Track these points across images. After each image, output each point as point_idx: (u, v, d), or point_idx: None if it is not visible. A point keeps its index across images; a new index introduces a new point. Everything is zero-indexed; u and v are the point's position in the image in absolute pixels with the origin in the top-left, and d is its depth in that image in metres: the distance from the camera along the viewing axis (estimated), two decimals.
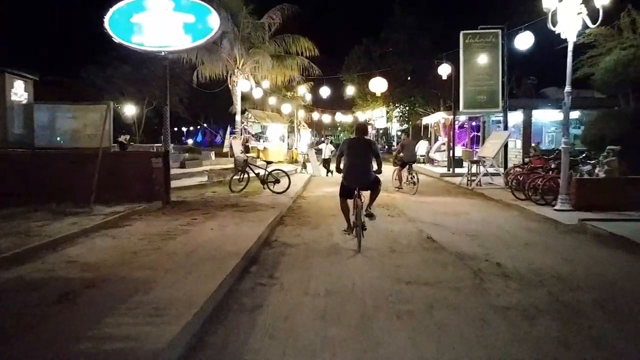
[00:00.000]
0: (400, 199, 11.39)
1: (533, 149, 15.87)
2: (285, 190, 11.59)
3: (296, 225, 7.94)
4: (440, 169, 19.41)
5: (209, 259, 5.07)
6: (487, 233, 7.17)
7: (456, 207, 9.97)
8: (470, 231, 7.30)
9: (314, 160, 19.44)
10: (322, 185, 15.47)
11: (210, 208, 9.06)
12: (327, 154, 19.27)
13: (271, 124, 23.01)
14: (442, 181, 16.32)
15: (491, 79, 13.31)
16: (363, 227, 5.93)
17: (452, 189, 13.76)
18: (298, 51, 17.14)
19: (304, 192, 13.39)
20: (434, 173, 18.21)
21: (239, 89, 16.73)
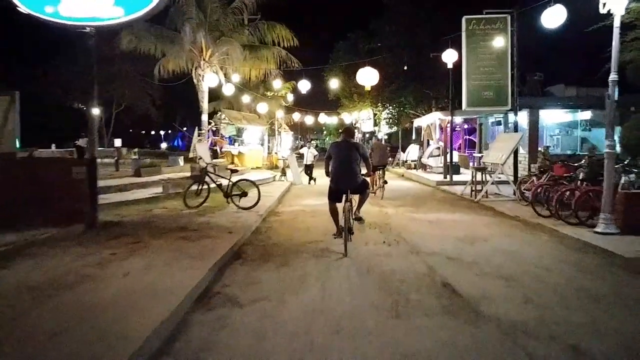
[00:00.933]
0: (395, 216, 9.28)
1: (542, 154, 13.92)
2: (254, 206, 9.39)
3: (258, 261, 5.74)
4: (435, 176, 17.41)
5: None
6: (524, 274, 5.08)
7: (468, 228, 7.89)
8: (500, 270, 5.20)
9: (294, 166, 17.26)
10: (303, 195, 13.31)
11: (147, 233, 6.81)
12: (309, 159, 17.13)
13: (248, 126, 20.80)
14: (439, 191, 14.28)
15: (499, 72, 11.35)
16: (350, 230, 5.96)
17: (454, 201, 11.70)
18: (275, 41, 15.00)
19: (279, 205, 11.19)
20: (429, 181, 16.19)
21: (205, 84, 14.49)
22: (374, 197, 12.13)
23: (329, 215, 6.58)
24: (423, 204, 11.22)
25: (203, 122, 14.83)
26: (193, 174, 10.14)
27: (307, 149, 17.25)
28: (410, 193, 13.85)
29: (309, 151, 17.18)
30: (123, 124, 34.14)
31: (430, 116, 16.99)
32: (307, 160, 17.13)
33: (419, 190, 14.58)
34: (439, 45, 16.53)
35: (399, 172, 22.07)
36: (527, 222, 8.31)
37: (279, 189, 13.98)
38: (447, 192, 13.59)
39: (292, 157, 17.30)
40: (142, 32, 13.72)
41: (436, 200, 11.96)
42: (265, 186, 15.05)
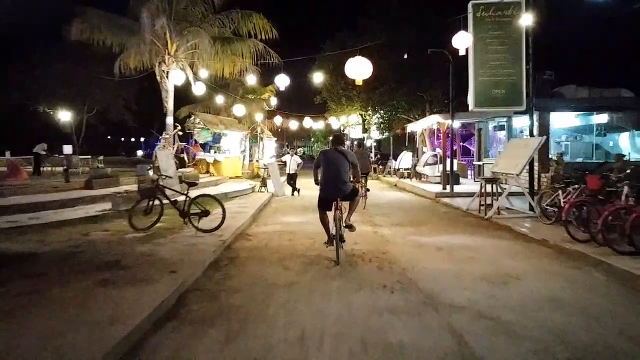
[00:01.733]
0: (394, 240, 7.47)
1: (555, 162, 12.34)
2: (217, 227, 7.50)
3: (200, 324, 3.86)
4: (431, 186, 15.70)
5: None
6: (607, 349, 3.29)
7: (490, 260, 6.11)
8: (566, 339, 3.41)
9: (275, 175, 15.40)
10: (284, 210, 11.46)
11: (58, 274, 4.92)
12: (292, 167, 15.29)
13: (226, 131, 18.92)
14: (440, 204, 12.53)
15: (511, 66, 9.68)
16: (342, 238, 5.91)
17: (461, 218, 9.95)
18: (251, 33, 13.19)
19: (253, 225, 9.31)
20: (426, 192, 14.45)
21: (170, 82, 12.59)
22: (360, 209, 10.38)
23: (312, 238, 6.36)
24: (425, 221, 9.44)
25: (167, 126, 12.90)
26: (141, 187, 8.19)
27: (290, 157, 15.42)
28: (407, 207, 12.08)
29: (292, 159, 15.35)
30: (96, 130, 31.91)
31: (427, 120, 15.31)
32: (290, 169, 15.29)
33: (416, 204, 12.82)
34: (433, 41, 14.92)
35: (391, 182, 20.33)
36: (562, 249, 6.57)
37: (257, 203, 12.11)
38: (450, 206, 11.84)
39: (273, 166, 15.45)
40: (96, 21, 11.83)
41: (439, 217, 10.19)
42: (241, 199, 13.19)
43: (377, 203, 12.95)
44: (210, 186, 14.71)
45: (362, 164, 11.91)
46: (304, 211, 11.32)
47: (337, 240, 5.78)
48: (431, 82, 20.54)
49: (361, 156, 12.15)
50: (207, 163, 17.32)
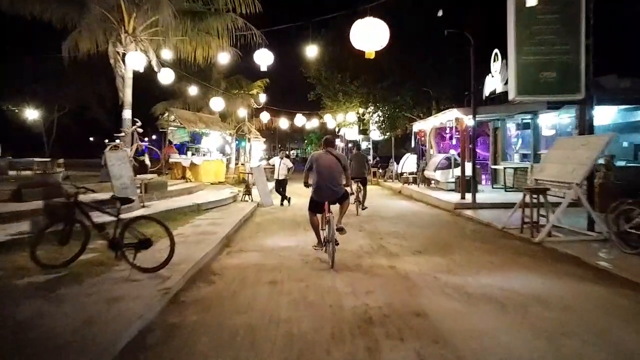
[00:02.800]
0: (426, 285, 5.07)
1: (604, 167, 10.05)
2: (163, 265, 5.07)
3: None
4: (445, 194, 13.36)
5: None
6: None
7: (591, 331, 3.75)
8: None
9: (262, 182, 13.00)
10: (269, 227, 9.06)
11: None
12: (281, 173, 12.91)
13: (207, 130, 16.48)
14: (464, 219, 10.18)
15: (565, 41, 7.35)
16: (336, 242, 5.77)
17: (499, 241, 7.58)
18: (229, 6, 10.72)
19: (224, 252, 6.88)
20: (442, 202, 12.10)
21: (128, 65, 10.14)
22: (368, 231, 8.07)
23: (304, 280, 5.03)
24: (455, 246, 7.08)
25: (124, 121, 10.41)
26: (48, 205, 5.72)
27: (280, 160, 13.01)
28: (423, 222, 9.71)
29: (281, 162, 12.94)
30: (70, 131, 29.26)
31: (441, 116, 12.97)
32: (279, 175, 12.89)
33: (433, 218, 10.46)
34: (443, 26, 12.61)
35: (394, 188, 17.98)
36: None
37: (236, 217, 9.70)
38: (477, 222, 9.48)
39: (259, 170, 13.05)
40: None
41: (470, 238, 7.82)
42: (218, 211, 10.78)
43: (383, 215, 10.59)
44: (182, 195, 12.27)
45: (358, 169, 10.88)
46: (294, 228, 8.93)
47: (331, 244, 5.74)
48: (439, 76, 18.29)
49: (358, 160, 11.24)
50: (183, 167, 14.89)
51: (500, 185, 15.28)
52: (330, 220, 5.83)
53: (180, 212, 9.79)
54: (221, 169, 17.04)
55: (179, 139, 15.81)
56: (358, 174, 10.96)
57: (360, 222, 9.60)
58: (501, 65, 13.56)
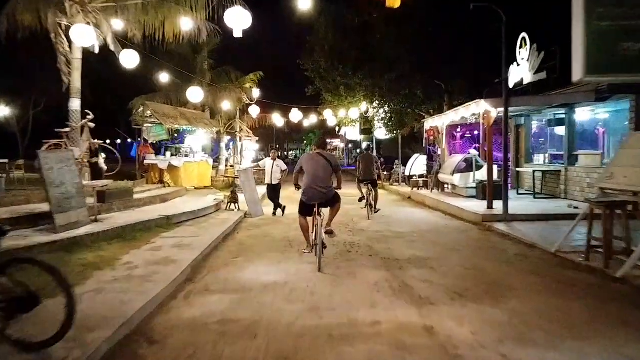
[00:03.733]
0: None
1: None
2: (54, 340, 3.03)
3: None
4: (465, 202, 11.38)
5: None
6: None
7: None
8: None
9: (250, 187, 10.99)
10: (253, 250, 7.04)
11: None
12: (274, 176, 10.92)
13: (191, 127, 14.39)
14: (497, 236, 8.16)
15: None
16: (323, 244, 5.71)
17: (561, 274, 5.56)
18: None
19: (182, 293, 4.86)
20: (465, 213, 10.10)
21: (74, 41, 8.05)
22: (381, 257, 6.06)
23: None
24: (505, 285, 5.07)
25: (71, 113, 8.40)
26: None
27: (272, 162, 10.99)
28: (450, 241, 7.69)
29: (274, 164, 10.93)
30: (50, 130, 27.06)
31: (462, 111, 10.89)
32: (272, 179, 10.89)
33: (460, 234, 8.43)
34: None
35: (403, 193, 15.97)
36: None
37: (213, 233, 7.70)
38: (516, 241, 7.47)
39: (246, 174, 11.03)
40: None
41: (519, 269, 5.80)
42: (193, 224, 8.79)
43: (397, 230, 8.59)
44: (153, 203, 10.27)
45: (367, 171, 10.42)
46: (285, 250, 6.94)
47: (320, 248, 5.61)
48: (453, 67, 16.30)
49: (365, 161, 10.56)
50: (160, 170, 12.87)
51: (525, 190, 13.30)
52: (319, 223, 5.73)
53: (143, 227, 7.78)
54: (207, 171, 15.03)
55: (155, 137, 13.78)
56: (367, 176, 10.43)
57: (369, 241, 7.60)
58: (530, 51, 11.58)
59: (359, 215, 10.60)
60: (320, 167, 5.92)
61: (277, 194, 10.97)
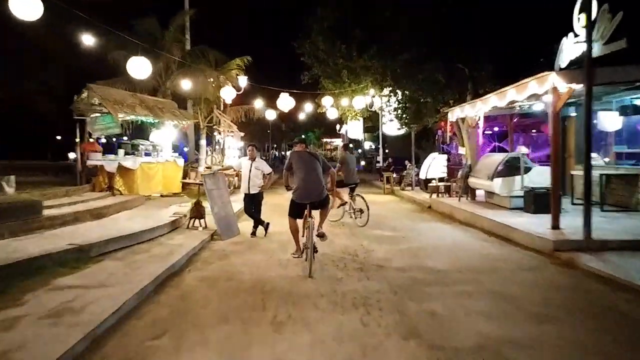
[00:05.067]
0: None
1: None
2: None
3: None
4: (509, 215, 8.46)
5: None
6: None
7: None
8: None
9: (219, 197, 8.00)
10: (209, 314, 4.03)
11: None
12: (252, 182, 7.92)
13: (152, 119, 11.23)
14: (596, 282, 5.15)
15: None
16: (314, 249, 5.44)
17: None
18: None
19: None
20: (517, 233, 7.16)
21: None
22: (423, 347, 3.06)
23: None
24: None
25: None
26: None
27: (250, 163, 7.97)
28: (523, 296, 4.67)
29: (252, 166, 7.92)
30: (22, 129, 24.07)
31: (510, 93, 7.78)
32: (249, 186, 7.89)
33: (533, 278, 5.37)
34: None
35: (420, 201, 13.00)
36: None
37: (144, 276, 4.73)
38: (637, 293, 4.47)
39: (215, 179, 8.04)
40: None
41: None
42: (124, 258, 5.81)
43: (433, 268, 5.59)
44: (80, 221, 7.29)
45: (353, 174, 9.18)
46: (255, 320, 3.93)
47: (311, 252, 5.29)
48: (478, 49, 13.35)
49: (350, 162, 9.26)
50: (109, 174, 9.86)
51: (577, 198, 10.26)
52: (310, 226, 5.41)
53: (29, 268, 4.81)
54: (176, 174, 12.03)
55: (101, 130, 10.74)
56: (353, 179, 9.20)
57: (394, 293, 4.67)
58: (599, 14, 8.63)
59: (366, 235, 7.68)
60: (310, 165, 5.64)
61: (257, 206, 7.99)
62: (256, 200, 7.96)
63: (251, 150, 8.00)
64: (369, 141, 41.69)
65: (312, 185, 5.58)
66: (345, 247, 6.90)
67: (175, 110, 12.29)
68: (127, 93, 11.10)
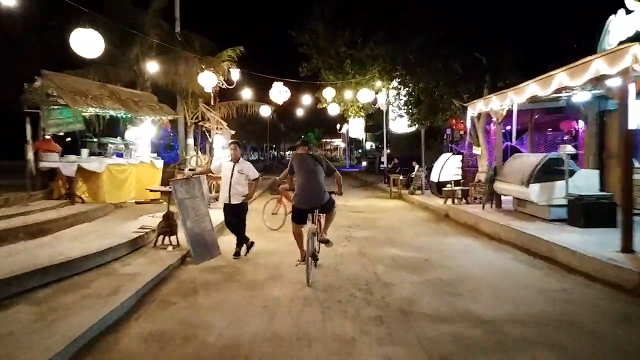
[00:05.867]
0: None
1: None
2: None
3: None
4: (553, 231, 6.87)
5: None
6: None
7: None
8: None
9: (193, 209, 6.33)
10: None
11: None
12: (235, 189, 6.25)
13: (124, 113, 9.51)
14: None
15: None
16: (314, 256, 5.29)
17: None
18: None
19: None
20: (579, 258, 5.53)
21: None
22: None
23: None
24: None
25: None
26: None
27: (232, 165, 6.30)
28: None
29: (234, 169, 6.26)
30: None
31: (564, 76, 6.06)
32: (230, 195, 6.23)
33: None
34: None
35: (433, 207, 11.40)
36: None
37: (45, 349, 3.02)
38: None
39: (187, 186, 6.36)
40: None
41: None
42: (45, 301, 4.02)
43: (486, 325, 3.84)
44: (9, 241, 5.61)
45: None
46: None
47: (308, 259, 4.98)
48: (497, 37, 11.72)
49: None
50: (68, 178, 8.18)
51: None
52: (313, 231, 5.20)
53: None
54: (154, 178, 10.35)
55: (57, 125, 8.99)
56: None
57: None
58: None
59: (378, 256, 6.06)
60: (311, 169, 5.33)
61: (240, 220, 6.34)
62: (239, 212, 6.31)
63: (234, 149, 6.33)
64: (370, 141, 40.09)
65: (311, 191, 5.29)
66: (354, 277, 5.25)
67: (153, 104, 10.61)
68: (94, 83, 9.43)
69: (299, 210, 5.35)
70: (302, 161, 5.41)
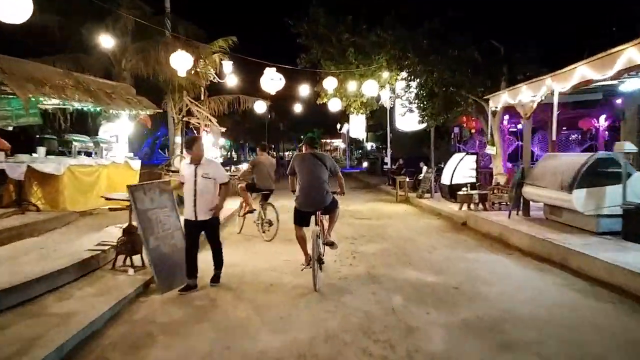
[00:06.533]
0: None
1: None
2: None
3: None
4: (611, 249, 5.52)
5: None
6: None
7: None
8: None
9: (158, 224, 4.98)
10: None
11: None
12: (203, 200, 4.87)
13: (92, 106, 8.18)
14: None
15: None
16: (320, 260, 5.00)
17: None
18: None
19: None
20: None
21: None
22: None
23: None
24: None
25: None
26: None
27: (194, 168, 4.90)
28: None
29: (197, 173, 4.85)
30: None
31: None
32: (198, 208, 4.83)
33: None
34: None
35: (447, 213, 10.11)
36: None
37: None
38: None
39: (154, 194, 5.02)
40: None
41: None
42: None
43: None
44: None
45: (261, 176, 7.67)
46: None
47: (314, 263, 4.83)
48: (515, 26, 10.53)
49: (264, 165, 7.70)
50: (18, 182, 6.86)
51: None
52: (316, 233, 4.98)
53: None
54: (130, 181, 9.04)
55: (4, 118, 7.65)
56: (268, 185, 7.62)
57: None
58: None
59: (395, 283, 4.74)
60: (315, 169, 5.09)
61: (214, 239, 5.01)
62: (209, 229, 4.96)
63: (197, 147, 4.92)
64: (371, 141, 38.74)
65: (312, 192, 5.04)
66: (367, 319, 3.93)
67: (130, 97, 9.28)
68: (57, 71, 8.09)
69: (301, 212, 5.12)
70: (304, 161, 5.13)
